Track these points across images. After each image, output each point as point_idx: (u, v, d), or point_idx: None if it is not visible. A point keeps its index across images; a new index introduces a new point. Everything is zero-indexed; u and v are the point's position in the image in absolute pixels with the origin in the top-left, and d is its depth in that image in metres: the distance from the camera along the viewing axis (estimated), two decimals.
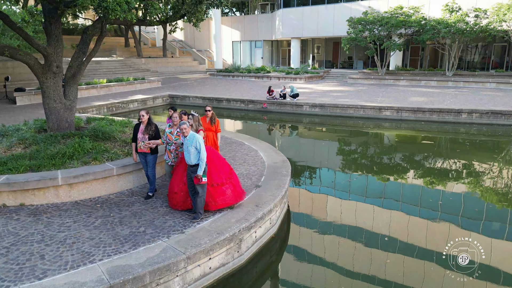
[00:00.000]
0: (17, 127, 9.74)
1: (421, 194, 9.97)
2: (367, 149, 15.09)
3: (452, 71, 26.49)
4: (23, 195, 6.78)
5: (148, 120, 7.19)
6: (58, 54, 8.95)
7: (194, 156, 6.21)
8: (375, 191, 10.39)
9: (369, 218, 8.58)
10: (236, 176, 7.19)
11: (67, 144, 8.13)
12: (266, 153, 10.62)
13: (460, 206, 9.23)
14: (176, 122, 7.08)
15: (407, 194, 10.08)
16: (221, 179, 6.69)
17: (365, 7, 30.29)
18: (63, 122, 9.25)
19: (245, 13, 43.77)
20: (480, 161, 13.22)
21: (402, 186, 10.83)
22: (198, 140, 6.18)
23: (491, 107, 18.44)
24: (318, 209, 9.32)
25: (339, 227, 8.16)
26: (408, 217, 8.63)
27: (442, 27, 23.64)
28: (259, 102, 22.86)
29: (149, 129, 7.13)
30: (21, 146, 8.13)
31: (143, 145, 7.08)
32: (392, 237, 7.64)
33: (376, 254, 6.93)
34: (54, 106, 9.07)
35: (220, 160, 7.02)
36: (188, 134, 6.24)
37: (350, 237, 7.72)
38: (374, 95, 22.81)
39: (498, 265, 6.61)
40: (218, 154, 7.35)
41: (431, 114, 18.80)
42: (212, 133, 8.22)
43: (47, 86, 8.96)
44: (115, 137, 9.14)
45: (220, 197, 6.61)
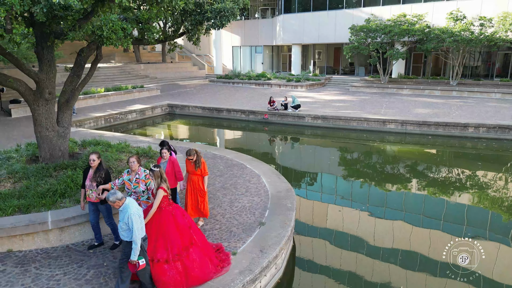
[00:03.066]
0: (8, 154, 9.26)
1: (438, 211, 9.52)
2: (376, 173, 14.16)
3: (456, 80, 26.05)
4: (11, 240, 6.31)
5: (98, 164, 6.28)
6: (50, 80, 8.47)
7: (126, 233, 5.13)
8: (387, 225, 9.93)
9: (379, 251, 8.12)
10: (202, 249, 5.84)
11: (59, 178, 7.66)
12: (269, 179, 10.15)
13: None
14: (134, 168, 6.17)
15: (420, 228, 9.63)
16: (167, 254, 5.46)
17: (367, 13, 29.83)
18: (56, 151, 8.78)
19: (245, 16, 43.32)
20: (491, 182, 12.77)
21: (418, 219, 10.38)
22: (130, 217, 5.01)
23: (498, 121, 17.99)
24: (324, 241, 8.86)
25: (346, 259, 7.70)
26: (428, 244, 8.18)
27: (447, 36, 23.17)
28: (260, 113, 22.39)
29: (97, 176, 6.19)
30: (11, 181, 7.66)
31: (93, 195, 6.19)
32: (409, 276, 7.18)
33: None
34: (47, 134, 8.60)
35: (180, 229, 5.70)
36: (120, 207, 5.09)
37: (359, 270, 7.26)
38: (378, 106, 22.36)
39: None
40: (181, 219, 5.84)
41: (436, 128, 18.34)
42: (197, 177, 7.18)
43: (39, 114, 8.49)
44: (111, 167, 8.66)
45: (157, 277, 5.37)
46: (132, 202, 5.21)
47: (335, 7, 32.22)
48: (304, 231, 9.25)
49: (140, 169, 6.22)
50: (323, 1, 32.66)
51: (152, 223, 5.66)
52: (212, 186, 9.63)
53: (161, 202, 5.72)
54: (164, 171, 7.12)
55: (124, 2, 4.62)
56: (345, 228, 9.51)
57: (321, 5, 32.88)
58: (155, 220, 5.67)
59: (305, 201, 11.36)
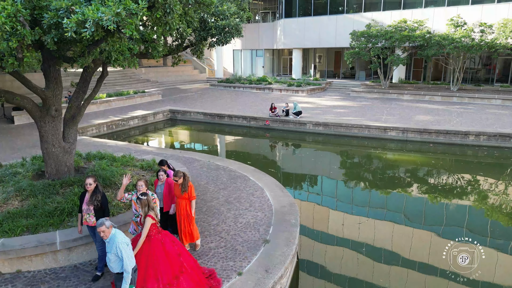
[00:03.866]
0: (14, 169, 9.35)
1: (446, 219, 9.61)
2: (380, 185, 13.89)
3: (456, 85, 26.15)
4: (20, 261, 6.40)
5: (94, 188, 6.21)
6: (57, 97, 8.56)
7: (116, 264, 5.04)
8: (395, 239, 10.03)
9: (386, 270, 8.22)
10: (192, 277, 5.81)
11: (66, 196, 7.75)
12: (272, 192, 10.24)
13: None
14: (142, 190, 6.23)
15: (428, 244, 9.72)
16: (157, 284, 5.44)
17: (368, 18, 29.94)
18: (62, 166, 8.87)
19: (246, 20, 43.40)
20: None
21: (426, 235, 10.47)
22: (118, 246, 4.94)
23: (499, 129, 18.09)
24: (328, 256, 8.96)
25: (352, 274, 7.80)
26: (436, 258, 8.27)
27: (448, 42, 23.27)
28: (261, 119, 22.48)
29: (94, 199, 6.13)
30: (18, 199, 7.74)
31: (91, 219, 6.13)
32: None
33: None
34: (53, 151, 8.68)
35: (169, 257, 5.71)
36: (107, 237, 5.02)
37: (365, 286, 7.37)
38: (379, 112, 22.45)
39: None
40: (170, 246, 5.84)
41: (437, 136, 18.43)
42: (184, 201, 6.94)
43: (46, 131, 8.58)
44: (116, 183, 8.76)
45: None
46: (119, 232, 5.17)
47: (336, 11, 32.33)
48: (307, 244, 9.34)
49: (148, 192, 6.32)
50: (324, 6, 32.76)
51: (141, 252, 5.63)
52: (216, 200, 9.73)
53: (150, 230, 5.71)
54: (162, 191, 7.23)
55: (134, 35, 4.70)
56: (349, 240, 9.59)
57: (321, 10, 32.99)
58: (144, 249, 5.65)
59: (308, 212, 11.45)
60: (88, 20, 4.47)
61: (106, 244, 5.11)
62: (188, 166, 12.61)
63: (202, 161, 13.32)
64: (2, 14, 4.78)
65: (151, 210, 5.78)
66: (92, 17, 4.44)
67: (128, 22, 4.54)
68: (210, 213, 8.93)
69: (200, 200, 9.72)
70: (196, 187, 10.65)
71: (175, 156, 13.96)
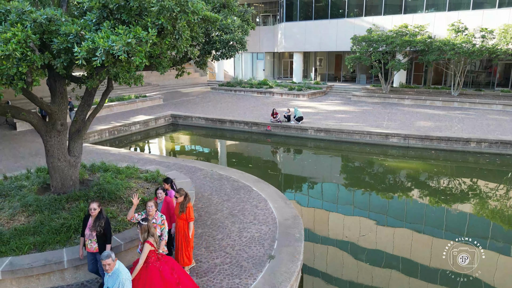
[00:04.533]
0: (19, 182, 9.40)
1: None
2: (384, 196, 13.58)
3: (457, 90, 26.20)
4: (28, 280, 6.45)
5: (98, 213, 6.13)
6: (62, 111, 8.61)
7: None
8: (401, 252, 10.07)
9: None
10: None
11: (72, 211, 7.80)
12: (276, 204, 10.29)
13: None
14: (152, 213, 6.22)
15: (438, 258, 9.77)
16: None
17: (368, 23, 29.98)
18: (67, 180, 8.91)
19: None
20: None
21: (437, 251, 10.52)
22: (122, 282, 4.94)
23: (500, 135, 18.15)
24: (332, 268, 9.01)
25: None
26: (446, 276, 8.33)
27: (448, 48, 23.33)
28: (263, 124, 22.53)
29: (97, 225, 6.03)
30: (24, 215, 7.79)
31: (92, 245, 6.05)
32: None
33: None
34: (58, 165, 8.73)
35: (168, 286, 5.62)
36: (111, 271, 4.99)
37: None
38: (380, 118, 22.51)
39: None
40: (169, 275, 5.75)
41: (439, 142, 18.49)
42: (182, 221, 6.79)
43: (51, 145, 8.62)
44: (121, 197, 8.81)
45: None
46: (123, 267, 5.16)
47: (337, 15, 32.37)
48: (311, 256, 9.39)
49: (157, 213, 6.36)
50: (325, 10, 32.80)
51: (139, 279, 5.54)
52: (221, 213, 9.78)
53: (149, 257, 5.62)
54: (159, 210, 7.18)
55: (144, 62, 4.74)
56: (353, 252, 9.64)
57: (322, 14, 33.03)
58: (141, 277, 5.55)
59: (311, 224, 11.48)
60: (99, 49, 4.52)
61: (107, 276, 5.06)
62: (191, 176, 12.67)
63: (205, 170, 13.37)
64: (12, 40, 4.83)
65: (151, 236, 5.68)
66: (103, 46, 4.49)
67: (138, 50, 4.59)
68: (214, 227, 8.98)
69: (205, 213, 9.78)
70: (200, 198, 10.71)
71: (178, 164, 14.01)
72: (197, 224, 9.04)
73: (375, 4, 30.59)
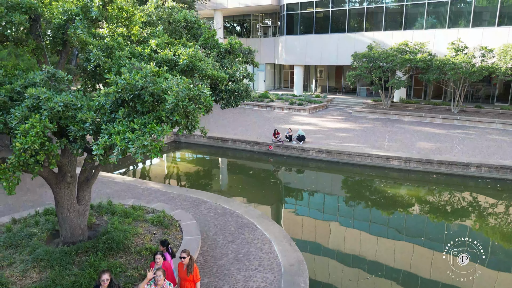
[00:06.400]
0: (28, 230, 9.57)
1: None
2: (392, 236, 13.43)
3: (457, 107, 26.40)
4: None
5: (110, 282, 6.15)
6: (72, 163, 8.79)
7: None
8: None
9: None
10: None
11: (82, 267, 7.98)
12: (280, 246, 10.47)
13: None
14: (160, 282, 6.26)
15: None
16: None
17: (369, 38, 30.18)
18: (76, 229, 9.09)
19: (247, 29, 43.74)
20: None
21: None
22: None
23: (500, 160, 18.35)
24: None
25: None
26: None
27: (449, 68, 23.52)
28: (264, 144, 22.75)
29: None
30: (36, 270, 7.96)
31: None
32: None
33: None
34: (68, 215, 8.91)
35: None
36: None
37: None
38: (381, 138, 22.69)
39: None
40: None
41: (439, 166, 18.70)
42: (189, 283, 6.84)
43: (61, 196, 8.80)
44: (129, 247, 8.99)
45: None
46: None
47: (337, 30, 32.54)
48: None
49: (165, 282, 6.52)
50: (325, 24, 32.97)
51: None
52: (226, 258, 9.95)
53: None
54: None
55: (159, 156, 4.92)
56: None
57: (323, 28, 33.20)
58: None
59: (317, 266, 11.63)
60: (116, 147, 4.70)
61: None
62: (195, 210, 12.86)
63: (209, 203, 13.55)
64: (31, 132, 5.00)
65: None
66: (120, 146, 4.67)
67: (154, 146, 4.77)
68: (220, 275, 9.15)
69: (210, 257, 9.95)
70: (205, 239, 10.89)
71: (182, 196, 14.19)
72: (203, 272, 9.21)
73: (375, 20, 30.78)
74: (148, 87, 4.97)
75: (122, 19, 7.31)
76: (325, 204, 16.42)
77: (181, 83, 5.07)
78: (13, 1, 6.96)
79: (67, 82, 5.93)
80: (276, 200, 16.76)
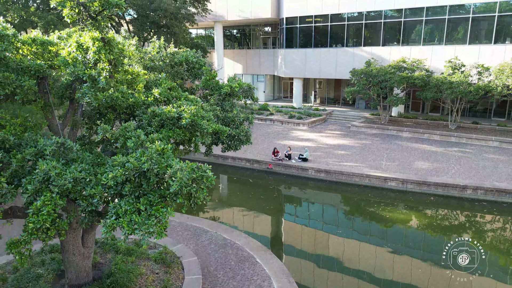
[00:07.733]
0: (35, 271, 9.84)
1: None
2: (397, 270, 13.95)
3: (454, 123, 26.71)
4: None
5: None
6: (77, 208, 9.06)
7: None
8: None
9: None
10: None
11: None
12: (280, 283, 10.75)
13: None
14: None
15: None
16: None
17: (367, 52, 30.51)
18: (81, 272, 9.37)
19: (247, 39, 44.08)
20: None
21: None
22: None
23: (495, 182, 18.65)
24: None
25: None
26: None
27: (446, 87, 23.84)
28: (264, 162, 23.06)
29: None
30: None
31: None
32: None
33: None
34: (73, 259, 9.18)
35: None
36: None
37: None
38: (379, 156, 22.98)
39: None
40: None
41: (436, 188, 19.00)
42: None
43: (67, 241, 9.07)
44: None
45: None
46: None
47: (336, 44, 32.87)
48: None
49: None
50: (324, 38, 33.28)
51: None
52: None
53: None
54: None
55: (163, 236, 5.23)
56: None
57: (322, 42, 33.51)
58: None
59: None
60: (123, 230, 4.99)
61: None
62: (196, 241, 13.16)
63: (210, 232, 13.84)
64: (43, 211, 5.29)
65: None
66: (127, 230, 4.96)
67: (159, 228, 5.06)
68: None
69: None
70: (206, 275, 11.17)
71: (183, 225, 14.48)
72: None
73: (374, 35, 31.10)
74: (154, 169, 5.28)
75: (127, 81, 7.61)
76: (323, 229, 16.69)
77: (185, 167, 5.38)
78: (22, 65, 7.27)
79: (76, 151, 6.21)
80: (275, 228, 17.06)
